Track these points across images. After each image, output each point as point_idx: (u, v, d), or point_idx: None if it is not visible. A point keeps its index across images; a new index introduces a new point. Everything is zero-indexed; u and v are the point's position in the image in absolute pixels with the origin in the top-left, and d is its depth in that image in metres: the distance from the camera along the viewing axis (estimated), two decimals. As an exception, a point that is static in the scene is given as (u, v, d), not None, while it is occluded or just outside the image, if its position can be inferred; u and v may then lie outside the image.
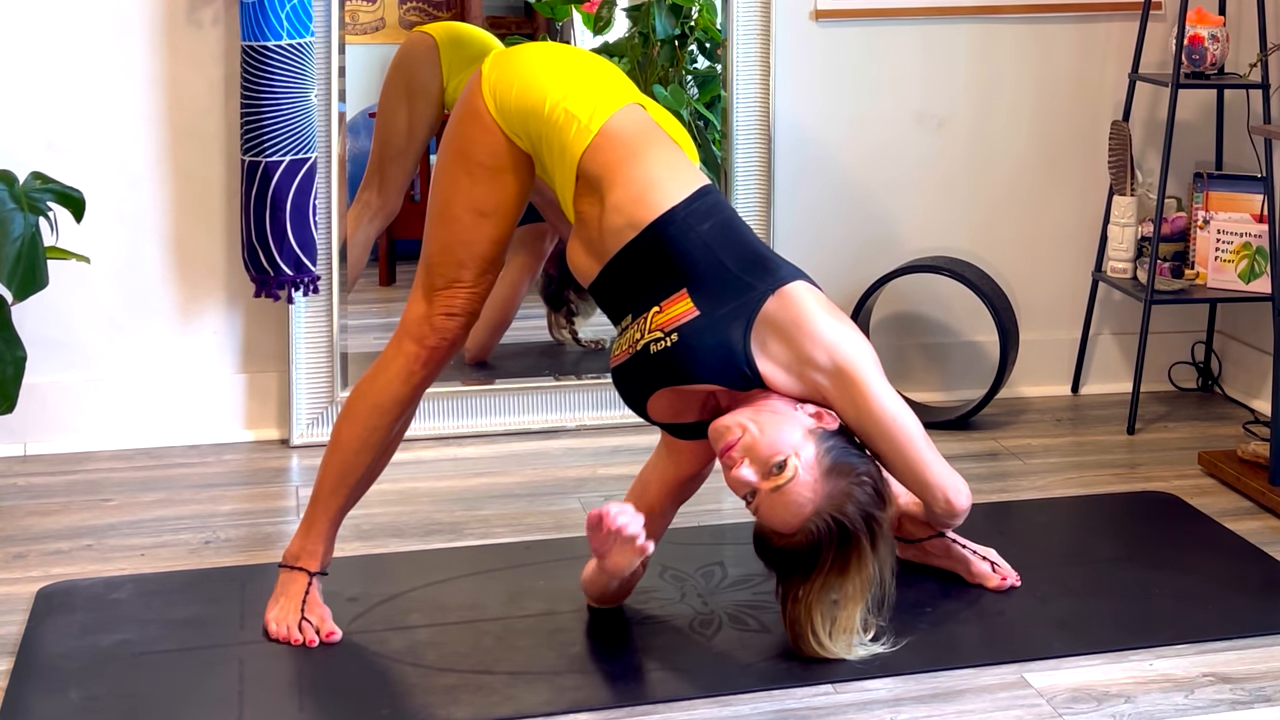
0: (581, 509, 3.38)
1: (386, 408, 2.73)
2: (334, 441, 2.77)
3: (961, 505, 2.71)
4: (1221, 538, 3.24)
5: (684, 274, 2.58)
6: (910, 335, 4.20)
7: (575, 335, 4.20)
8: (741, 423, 2.53)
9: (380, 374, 2.74)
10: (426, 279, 2.72)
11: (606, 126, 2.63)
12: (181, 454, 3.74)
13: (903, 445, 2.60)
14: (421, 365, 2.72)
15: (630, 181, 2.60)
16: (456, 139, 2.71)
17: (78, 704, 2.52)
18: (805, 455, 2.51)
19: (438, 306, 2.70)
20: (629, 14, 4.06)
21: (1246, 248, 3.95)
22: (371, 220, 3.91)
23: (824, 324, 2.56)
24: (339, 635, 2.72)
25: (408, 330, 2.73)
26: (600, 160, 2.62)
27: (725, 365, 2.55)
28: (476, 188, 2.68)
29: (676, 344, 2.55)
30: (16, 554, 3.14)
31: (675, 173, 2.65)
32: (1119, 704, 2.54)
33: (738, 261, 2.59)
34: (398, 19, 4.18)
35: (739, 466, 2.51)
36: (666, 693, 2.57)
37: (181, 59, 3.69)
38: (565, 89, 2.65)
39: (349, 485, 2.77)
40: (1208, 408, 4.17)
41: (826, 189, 4.08)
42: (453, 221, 2.69)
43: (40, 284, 3.25)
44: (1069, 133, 4.18)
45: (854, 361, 2.56)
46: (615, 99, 2.68)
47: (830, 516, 2.50)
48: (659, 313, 2.58)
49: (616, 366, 2.66)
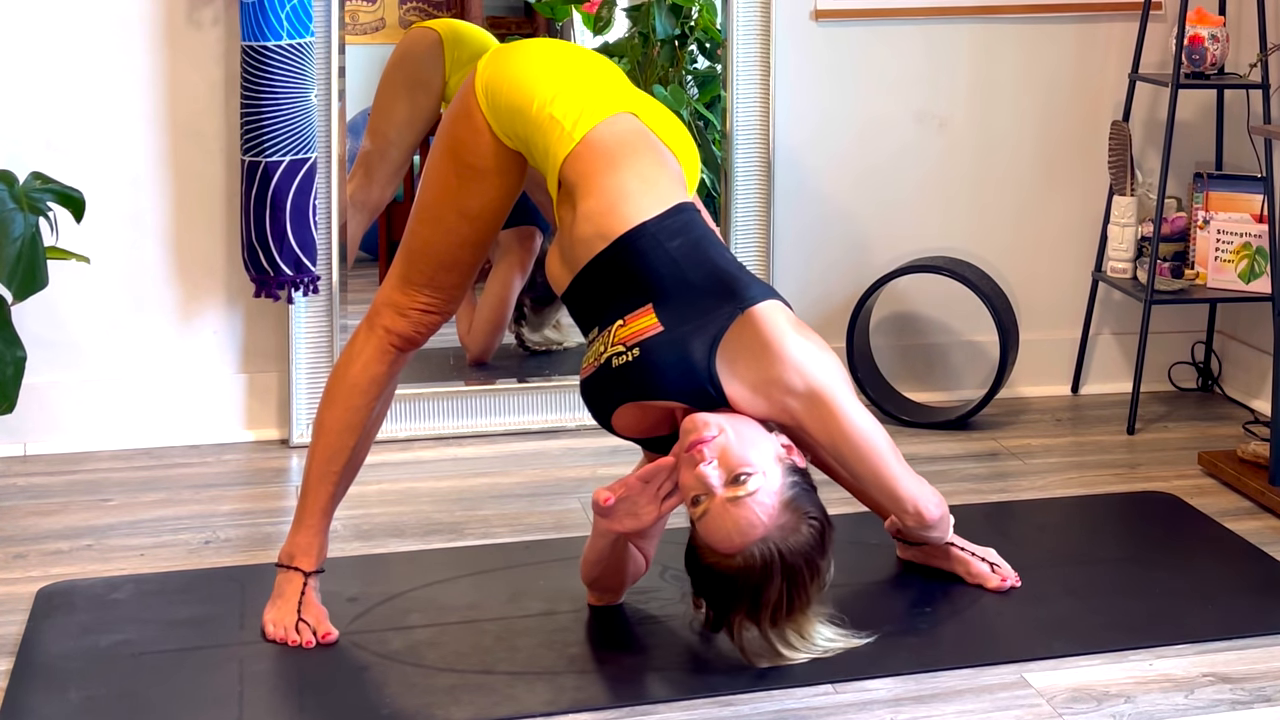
0: (581, 509, 3.38)
1: (365, 386, 2.74)
2: (316, 428, 2.78)
3: (932, 516, 2.71)
4: (1221, 538, 3.24)
5: (650, 289, 2.57)
6: (910, 335, 4.20)
7: (521, 339, 4.19)
8: (720, 423, 2.50)
9: (356, 356, 2.76)
10: (405, 270, 2.74)
11: (590, 135, 2.61)
12: (181, 454, 3.74)
13: (873, 462, 2.59)
14: (394, 347, 2.75)
15: (604, 192, 2.58)
16: (447, 138, 2.71)
17: (78, 704, 2.52)
18: (771, 478, 2.48)
19: (415, 300, 2.73)
20: (629, 14, 4.06)
21: (1246, 248, 3.95)
22: (353, 215, 3.89)
23: (793, 345, 2.52)
24: (335, 635, 2.72)
25: (380, 315, 2.75)
26: (579, 169, 2.61)
27: (687, 382, 2.53)
28: (463, 189, 2.68)
29: (637, 358, 2.53)
30: (16, 554, 3.14)
31: (651, 187, 2.62)
32: (1119, 704, 2.54)
33: (706, 279, 2.57)
34: (398, 19, 4.18)
35: (706, 464, 2.46)
36: (666, 693, 2.57)
37: (181, 59, 3.70)
38: (556, 90, 2.63)
39: (336, 470, 2.76)
40: (1208, 408, 4.17)
41: (826, 189, 4.08)
42: (437, 221, 2.70)
43: (40, 284, 3.25)
44: (1069, 133, 4.18)
45: (825, 383, 2.52)
46: (605, 105, 2.65)
47: (774, 546, 2.46)
48: (622, 326, 2.57)
49: (583, 380, 2.65)
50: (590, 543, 2.76)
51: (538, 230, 4.05)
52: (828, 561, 2.54)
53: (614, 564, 2.77)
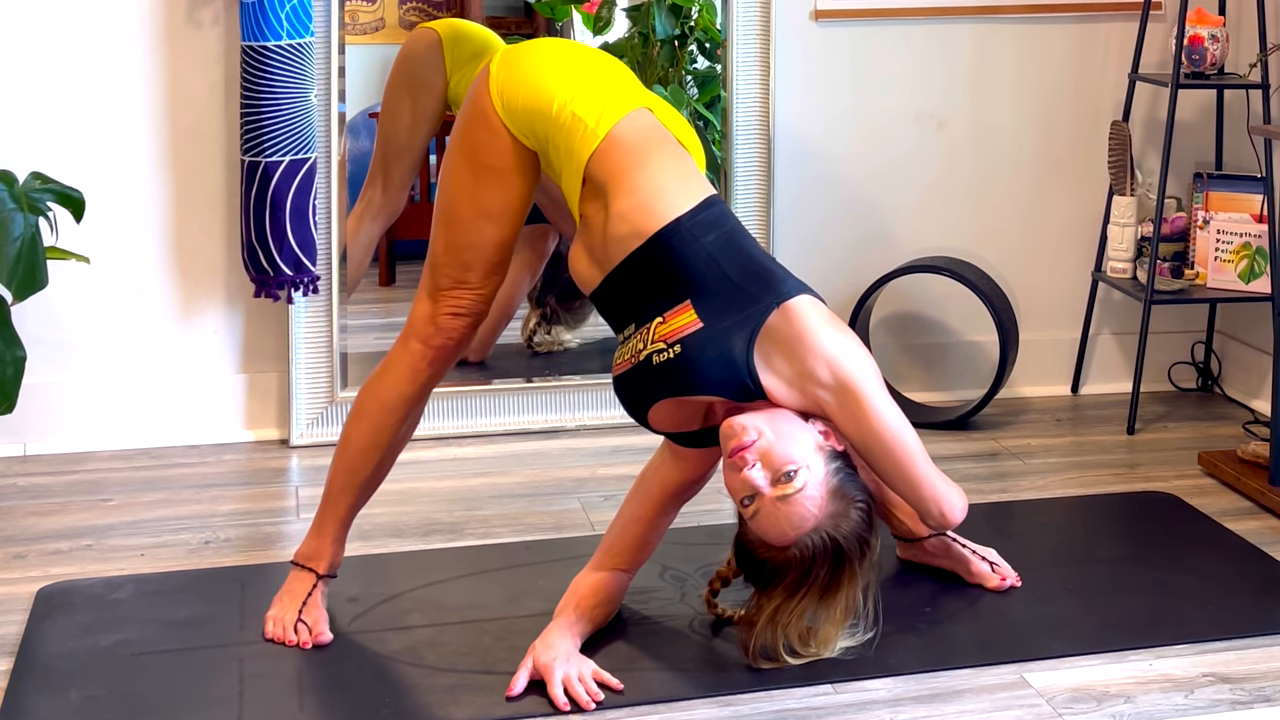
0: (581, 509, 3.38)
1: (394, 406, 2.74)
2: (343, 440, 2.78)
3: (955, 518, 2.71)
4: (1221, 538, 3.24)
5: (688, 285, 2.57)
6: (910, 335, 4.20)
7: (530, 340, 4.19)
8: (758, 426, 2.52)
9: (387, 372, 2.75)
10: (432, 279, 2.72)
11: (614, 131, 2.61)
12: (181, 454, 3.75)
13: (901, 460, 2.59)
14: (428, 364, 2.72)
15: (636, 189, 2.59)
16: (463, 140, 2.70)
17: (78, 704, 2.52)
18: (815, 470, 2.51)
19: (443, 306, 2.70)
20: (629, 14, 4.06)
21: (1246, 248, 3.95)
22: (375, 219, 3.90)
23: (827, 338, 2.54)
24: (328, 639, 2.72)
25: (414, 329, 2.73)
26: (607, 166, 2.61)
27: (727, 377, 2.54)
28: (482, 189, 2.67)
29: (679, 355, 2.54)
30: (16, 554, 3.14)
31: (681, 181, 2.63)
32: (1119, 704, 2.54)
33: (742, 274, 2.58)
34: (398, 19, 4.18)
35: (750, 468, 2.49)
36: (666, 693, 2.57)
37: (181, 59, 3.70)
38: (573, 90, 2.64)
39: (358, 483, 2.78)
40: (1207, 408, 4.17)
41: (826, 189, 4.08)
42: (458, 223, 2.69)
43: (40, 284, 3.24)
44: (1069, 133, 4.18)
45: (856, 377, 2.54)
46: (624, 102, 2.66)
47: (827, 534, 2.50)
48: (662, 324, 2.57)
49: (618, 376, 2.65)
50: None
51: (550, 230, 4.05)
52: (876, 537, 2.58)
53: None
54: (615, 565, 2.78)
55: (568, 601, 2.71)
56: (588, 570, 2.78)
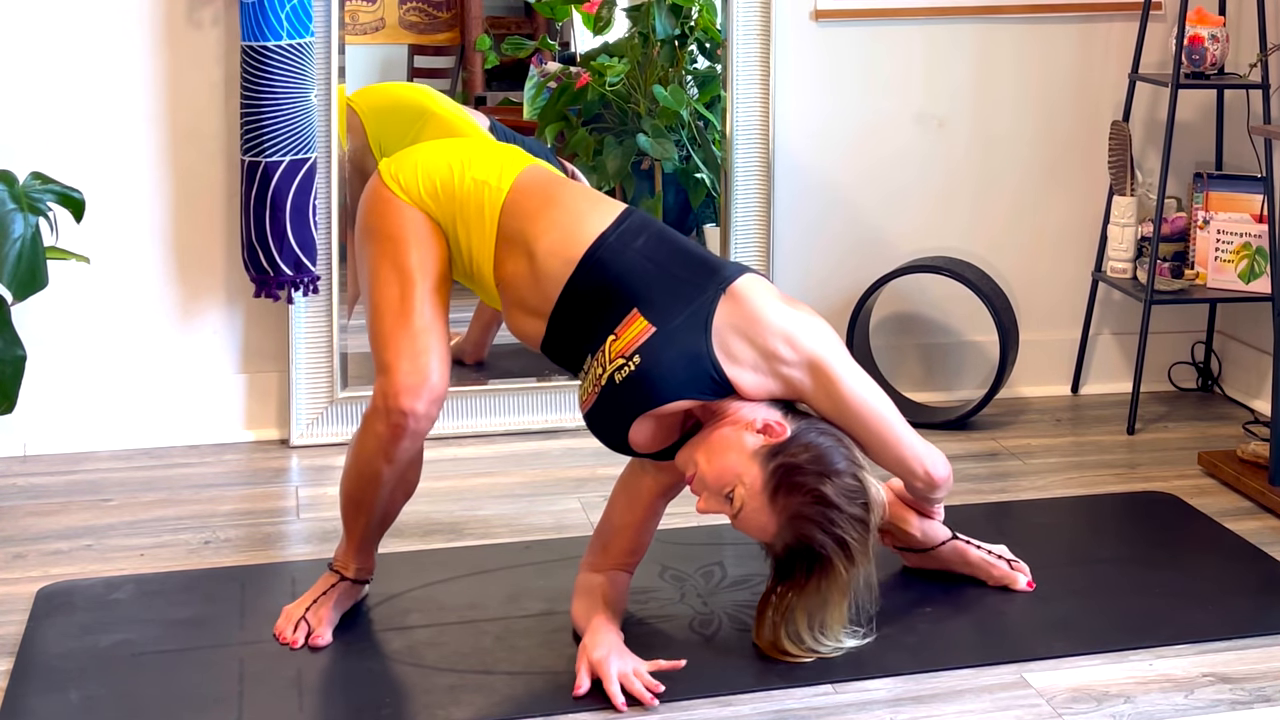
0: (581, 509, 3.38)
1: (372, 478, 2.70)
2: (341, 486, 2.77)
3: (941, 475, 2.74)
4: (1221, 538, 3.24)
5: (631, 294, 2.56)
6: (910, 335, 4.20)
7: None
8: (694, 457, 2.55)
9: (361, 450, 2.69)
10: (379, 358, 2.64)
11: (517, 181, 2.67)
12: (181, 454, 3.75)
13: (878, 428, 2.61)
14: (394, 443, 2.64)
15: (554, 224, 2.62)
16: (369, 224, 2.71)
17: (78, 704, 2.52)
18: (749, 481, 2.51)
19: (395, 383, 2.60)
20: (629, 14, 4.07)
21: (1246, 248, 3.95)
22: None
23: (779, 315, 2.55)
24: (325, 643, 2.71)
25: (376, 411, 2.64)
26: (519, 213, 2.64)
27: (693, 373, 2.53)
28: (401, 256, 2.65)
29: (640, 365, 2.52)
30: (16, 554, 3.14)
31: (594, 204, 2.68)
32: (1119, 704, 2.54)
33: (681, 266, 2.59)
34: (398, 19, 4.18)
35: (700, 500, 2.56)
36: (666, 693, 2.57)
37: (181, 59, 3.70)
38: (464, 160, 2.71)
39: (365, 518, 2.76)
40: (1208, 408, 4.17)
41: (826, 189, 4.08)
42: (385, 293, 2.65)
43: (40, 284, 3.25)
44: (1069, 133, 4.18)
45: (819, 351, 2.55)
46: (514, 159, 2.73)
47: (794, 537, 2.52)
48: (615, 340, 2.55)
49: (588, 411, 2.61)
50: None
51: None
52: (858, 487, 2.52)
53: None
54: (615, 566, 2.78)
55: (590, 602, 2.69)
56: (588, 572, 2.79)
